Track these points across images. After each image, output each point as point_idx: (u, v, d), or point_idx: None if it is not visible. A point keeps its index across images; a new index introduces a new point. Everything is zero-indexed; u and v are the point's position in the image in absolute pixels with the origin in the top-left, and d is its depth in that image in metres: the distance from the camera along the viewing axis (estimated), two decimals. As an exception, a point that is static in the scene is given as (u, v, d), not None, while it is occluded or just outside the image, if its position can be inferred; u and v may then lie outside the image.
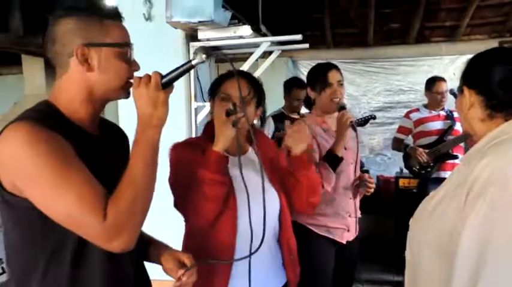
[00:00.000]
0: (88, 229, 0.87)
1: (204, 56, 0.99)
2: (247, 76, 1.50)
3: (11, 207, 0.91)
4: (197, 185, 1.31)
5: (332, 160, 1.88)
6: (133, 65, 1.02)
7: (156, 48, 2.28)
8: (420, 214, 1.16)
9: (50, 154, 0.85)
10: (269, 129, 3.28)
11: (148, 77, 0.96)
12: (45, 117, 0.92)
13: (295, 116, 3.28)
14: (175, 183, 1.40)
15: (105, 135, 1.09)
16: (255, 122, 1.58)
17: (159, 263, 1.16)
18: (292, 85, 3.38)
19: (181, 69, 1.01)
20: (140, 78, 0.97)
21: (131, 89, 0.99)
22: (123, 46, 0.99)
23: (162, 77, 0.98)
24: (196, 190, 1.31)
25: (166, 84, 0.98)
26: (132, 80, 1.00)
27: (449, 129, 3.26)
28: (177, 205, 1.42)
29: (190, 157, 1.39)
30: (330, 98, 2.01)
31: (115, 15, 1.01)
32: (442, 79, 3.41)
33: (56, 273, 0.92)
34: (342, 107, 1.95)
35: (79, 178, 0.87)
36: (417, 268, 1.11)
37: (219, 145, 1.32)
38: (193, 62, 1.01)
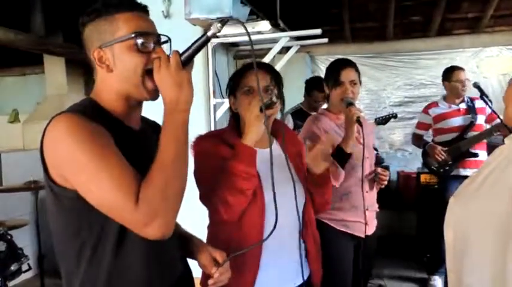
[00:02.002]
0: (123, 214, 0.88)
1: (219, 25, 0.95)
2: (267, 67, 1.49)
3: (59, 199, 0.93)
4: (227, 178, 1.31)
5: (341, 156, 1.86)
6: (156, 52, 0.97)
7: (175, 45, 2.28)
8: (463, 193, 1.17)
9: (88, 141, 0.87)
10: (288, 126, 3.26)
11: (167, 58, 0.94)
12: (87, 110, 0.95)
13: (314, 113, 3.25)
14: (202, 176, 1.39)
15: (147, 131, 1.11)
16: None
17: (196, 258, 1.18)
18: (313, 87, 3.32)
19: (198, 44, 0.97)
20: (159, 59, 0.94)
21: (155, 76, 0.96)
22: (132, 37, 0.96)
23: (180, 55, 0.95)
24: (226, 183, 1.31)
25: (186, 62, 0.95)
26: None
27: (471, 125, 3.13)
28: (204, 198, 1.41)
29: (217, 150, 1.39)
30: (340, 97, 1.98)
31: (126, 5, 0.99)
32: (460, 68, 3.29)
33: (99, 261, 0.94)
34: (349, 103, 1.92)
35: (115, 165, 0.88)
36: (464, 246, 1.12)
37: (250, 138, 1.33)
38: (208, 34, 0.96)
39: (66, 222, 0.95)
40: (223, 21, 0.96)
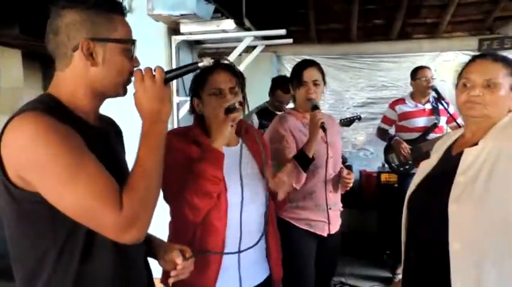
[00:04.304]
0: (102, 221, 0.86)
1: (211, 60, 1.03)
2: (231, 68, 1.50)
3: (18, 202, 0.89)
4: (194, 180, 1.31)
5: (303, 159, 1.88)
6: (134, 62, 1.02)
7: (137, 42, 2.22)
8: (466, 200, 1.17)
9: (62, 145, 0.84)
10: (253, 125, 3.25)
11: (151, 71, 0.97)
12: (50, 108, 0.91)
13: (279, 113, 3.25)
14: (168, 175, 1.38)
15: (105, 128, 1.09)
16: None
17: (156, 257, 1.18)
18: (277, 86, 3.27)
19: (185, 69, 1.03)
20: (141, 72, 0.98)
21: (132, 84, 0.99)
22: (129, 43, 0.99)
23: (165, 73, 0.99)
24: (192, 185, 1.31)
25: (167, 80, 0.99)
26: (133, 77, 1.00)
27: (433, 126, 3.24)
28: (169, 197, 1.39)
29: (185, 148, 1.39)
30: (304, 96, 2.02)
31: (121, 10, 1.00)
32: (426, 67, 3.41)
33: (66, 266, 0.91)
34: (315, 107, 1.95)
35: (92, 169, 0.86)
36: (478, 254, 1.13)
37: (218, 142, 1.35)
38: (199, 65, 1.03)
39: (26, 226, 0.91)
40: (216, 59, 1.07)
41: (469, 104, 1.24)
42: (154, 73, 0.98)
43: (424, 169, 1.38)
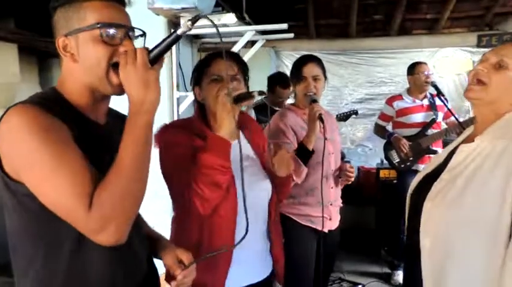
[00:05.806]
0: (74, 218, 0.84)
1: (189, 23, 0.92)
2: (234, 55, 1.48)
3: (12, 192, 0.88)
4: (202, 171, 1.27)
5: (303, 153, 1.87)
6: (123, 45, 0.92)
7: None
8: (443, 198, 1.14)
9: (45, 138, 0.82)
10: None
11: (134, 54, 0.89)
12: (47, 102, 0.89)
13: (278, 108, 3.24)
14: (172, 168, 1.34)
15: (114, 125, 1.05)
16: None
17: (161, 258, 1.16)
18: (276, 83, 3.28)
19: (167, 42, 0.93)
20: (126, 54, 0.90)
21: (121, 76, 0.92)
22: (94, 27, 0.90)
23: (149, 52, 0.91)
24: (201, 177, 1.27)
25: (153, 60, 0.91)
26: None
27: (432, 122, 3.24)
28: (176, 191, 1.36)
29: (188, 140, 1.35)
30: (304, 92, 2.01)
31: None
32: (423, 62, 3.39)
33: (55, 260, 0.90)
34: (313, 100, 1.94)
35: (72, 165, 0.83)
36: (446, 254, 1.11)
37: (224, 131, 1.28)
38: (178, 32, 0.93)
39: (20, 217, 0.91)
40: (194, 19, 0.93)
41: (470, 86, 1.20)
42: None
43: (430, 164, 1.37)
